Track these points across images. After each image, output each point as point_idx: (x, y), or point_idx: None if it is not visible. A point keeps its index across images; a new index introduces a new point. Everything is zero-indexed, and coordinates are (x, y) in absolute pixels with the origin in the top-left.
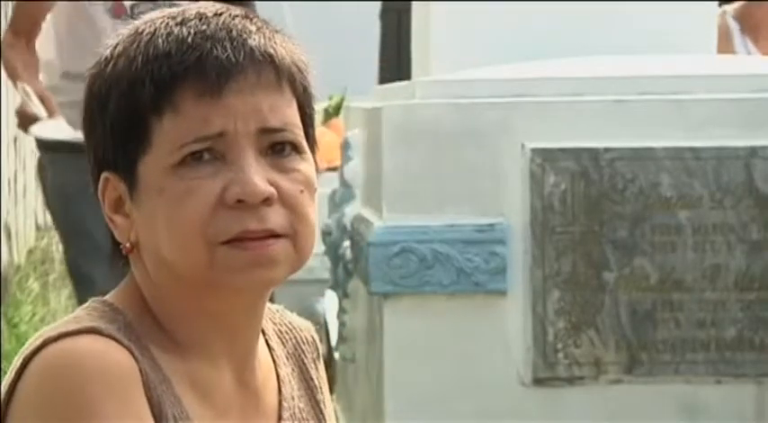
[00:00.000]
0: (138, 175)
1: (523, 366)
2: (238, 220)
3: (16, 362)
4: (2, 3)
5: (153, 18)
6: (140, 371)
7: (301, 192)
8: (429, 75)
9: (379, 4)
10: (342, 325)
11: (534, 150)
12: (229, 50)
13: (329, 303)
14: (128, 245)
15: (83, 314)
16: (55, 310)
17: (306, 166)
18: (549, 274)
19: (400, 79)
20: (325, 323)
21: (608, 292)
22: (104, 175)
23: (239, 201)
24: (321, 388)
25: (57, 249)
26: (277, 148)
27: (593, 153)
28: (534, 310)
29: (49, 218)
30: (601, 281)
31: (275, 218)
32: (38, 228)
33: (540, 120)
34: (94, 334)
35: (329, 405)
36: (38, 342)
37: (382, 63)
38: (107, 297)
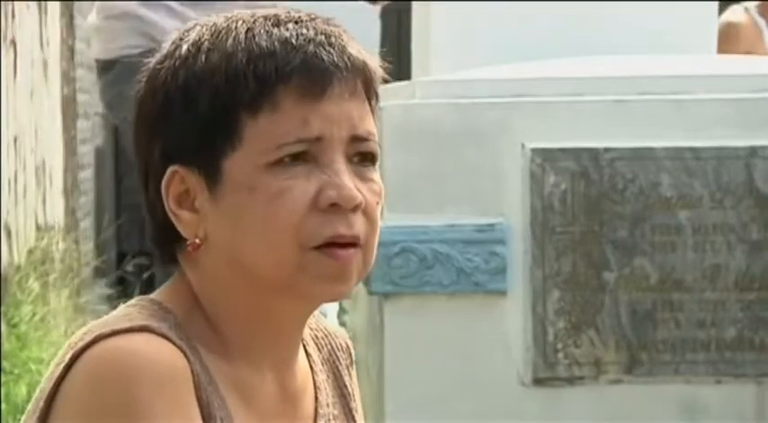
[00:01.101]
0: (222, 171)
1: (523, 366)
2: (330, 224)
3: (63, 356)
4: (2, 3)
5: (240, 17)
6: (192, 372)
7: (377, 203)
8: (429, 75)
9: (378, 4)
10: (342, 325)
11: (534, 150)
12: (334, 55)
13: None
14: (196, 240)
15: (133, 312)
16: (55, 310)
17: (378, 177)
18: (549, 274)
19: (400, 79)
20: None
21: (608, 292)
22: (172, 168)
23: (333, 205)
24: (354, 395)
25: (57, 249)
26: (359, 158)
27: (593, 153)
28: (534, 310)
29: (49, 218)
30: (601, 281)
31: (359, 225)
32: (38, 228)
33: (540, 120)
34: (147, 332)
35: (361, 413)
36: (89, 338)
37: (382, 63)
38: (153, 295)
